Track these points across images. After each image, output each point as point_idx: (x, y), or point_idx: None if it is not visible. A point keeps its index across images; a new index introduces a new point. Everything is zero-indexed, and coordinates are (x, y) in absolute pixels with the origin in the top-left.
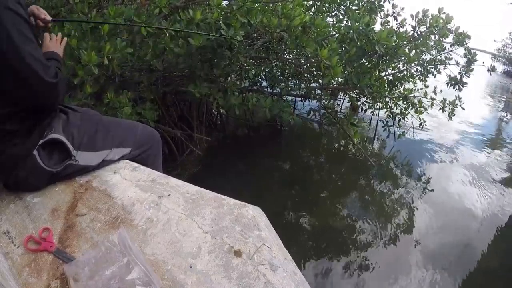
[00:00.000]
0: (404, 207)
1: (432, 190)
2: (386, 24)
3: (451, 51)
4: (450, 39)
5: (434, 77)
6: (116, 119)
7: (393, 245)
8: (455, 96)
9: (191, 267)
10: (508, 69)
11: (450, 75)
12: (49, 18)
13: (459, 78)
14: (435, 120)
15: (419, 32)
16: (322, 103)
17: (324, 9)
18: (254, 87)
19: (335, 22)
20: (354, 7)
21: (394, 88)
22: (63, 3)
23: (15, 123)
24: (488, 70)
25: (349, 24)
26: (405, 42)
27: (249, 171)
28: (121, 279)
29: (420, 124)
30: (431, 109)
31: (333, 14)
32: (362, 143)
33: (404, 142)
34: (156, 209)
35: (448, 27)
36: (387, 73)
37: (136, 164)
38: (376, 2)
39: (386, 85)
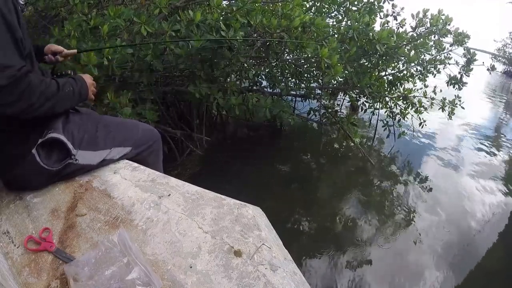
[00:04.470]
0: (404, 207)
1: (432, 189)
2: (385, 24)
3: (450, 51)
4: (450, 39)
5: (434, 77)
6: (117, 118)
7: (393, 245)
8: (455, 95)
9: (191, 267)
10: (508, 69)
11: (450, 74)
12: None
13: (459, 78)
14: (435, 119)
15: (418, 32)
16: (322, 103)
17: (324, 9)
18: (254, 87)
19: (335, 22)
20: (353, 8)
21: (394, 88)
22: (63, 3)
23: (14, 123)
24: (488, 69)
25: (349, 24)
26: (405, 42)
27: (249, 171)
28: (121, 279)
29: (420, 123)
30: (431, 109)
31: (332, 15)
32: (362, 143)
33: (404, 142)
34: (156, 209)
35: (448, 27)
36: (387, 73)
37: (136, 164)
38: (376, 3)
39: (386, 85)
